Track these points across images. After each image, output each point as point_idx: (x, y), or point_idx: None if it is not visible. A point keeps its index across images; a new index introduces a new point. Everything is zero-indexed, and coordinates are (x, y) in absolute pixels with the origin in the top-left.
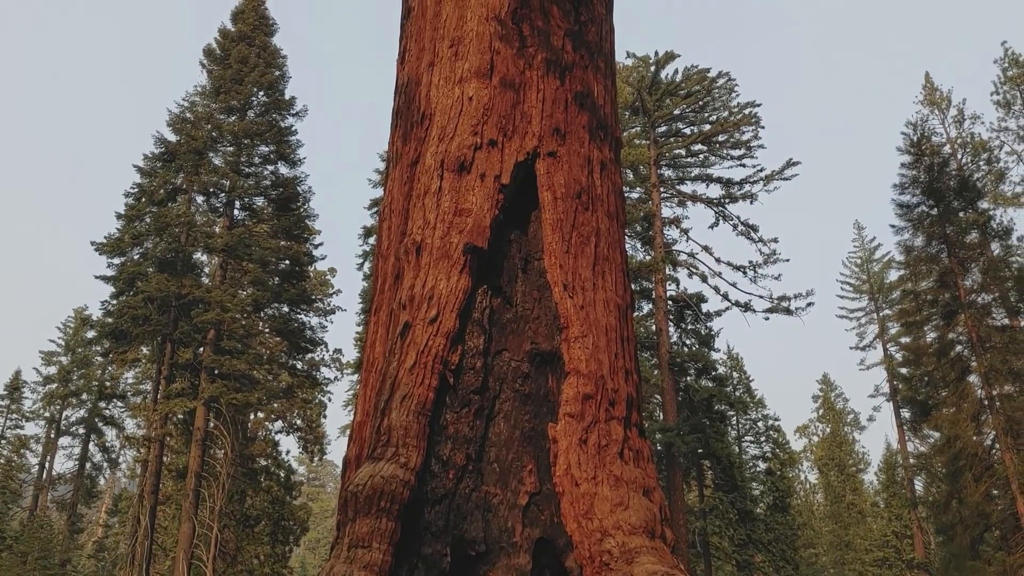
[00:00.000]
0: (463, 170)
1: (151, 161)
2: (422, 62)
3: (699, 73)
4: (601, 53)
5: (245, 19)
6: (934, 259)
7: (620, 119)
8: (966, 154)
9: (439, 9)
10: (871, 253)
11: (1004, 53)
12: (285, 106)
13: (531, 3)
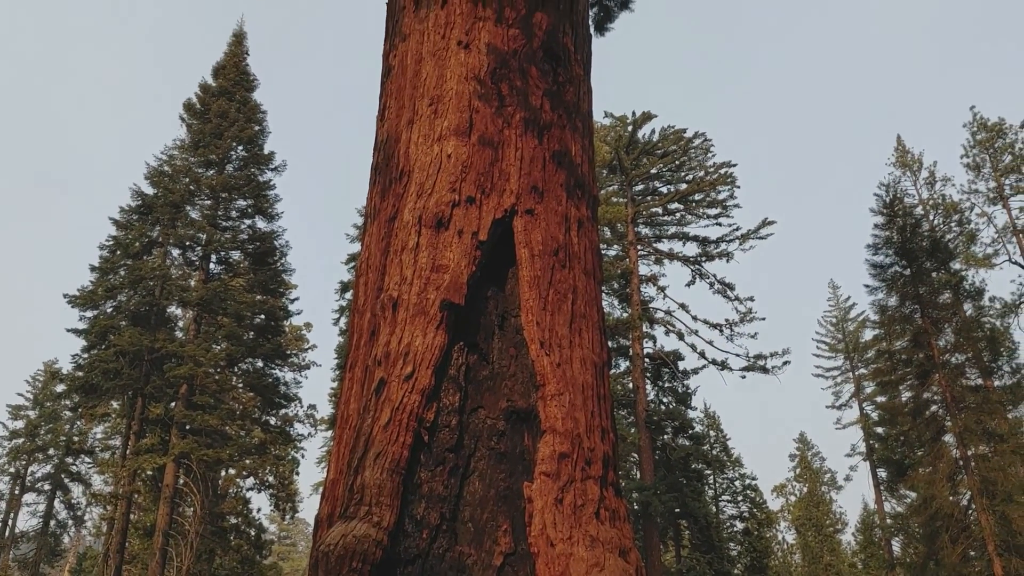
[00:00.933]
0: (441, 227)
1: (127, 214)
2: (401, 120)
3: (675, 133)
4: (579, 113)
5: (226, 74)
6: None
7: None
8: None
9: (419, 68)
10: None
11: (973, 117)
12: (264, 160)
13: (510, 64)
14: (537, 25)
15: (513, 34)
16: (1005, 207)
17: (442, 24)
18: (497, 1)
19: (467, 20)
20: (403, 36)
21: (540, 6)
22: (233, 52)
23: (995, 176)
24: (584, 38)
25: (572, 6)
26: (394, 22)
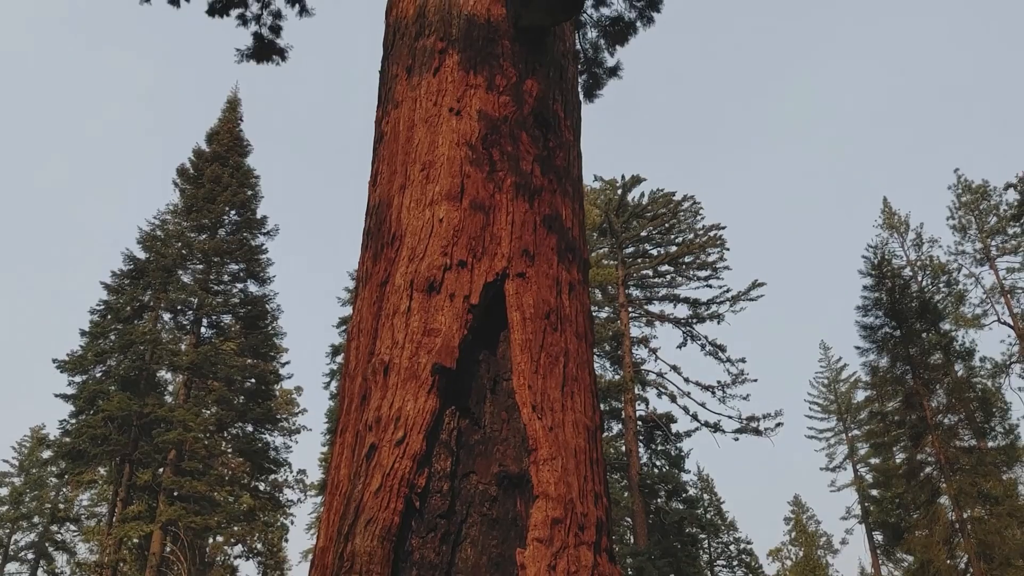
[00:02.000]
0: (432, 290)
1: (119, 278)
2: (394, 185)
3: (665, 196)
4: (569, 177)
5: (220, 140)
6: (899, 380)
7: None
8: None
9: (411, 135)
10: (838, 373)
11: (957, 180)
12: (256, 225)
13: (501, 129)
14: (528, 92)
15: (504, 101)
16: (992, 268)
17: (434, 92)
18: (488, 69)
19: (459, 88)
20: (395, 103)
21: (530, 74)
22: (227, 118)
23: (981, 237)
24: (574, 105)
25: (562, 74)
26: (386, 90)
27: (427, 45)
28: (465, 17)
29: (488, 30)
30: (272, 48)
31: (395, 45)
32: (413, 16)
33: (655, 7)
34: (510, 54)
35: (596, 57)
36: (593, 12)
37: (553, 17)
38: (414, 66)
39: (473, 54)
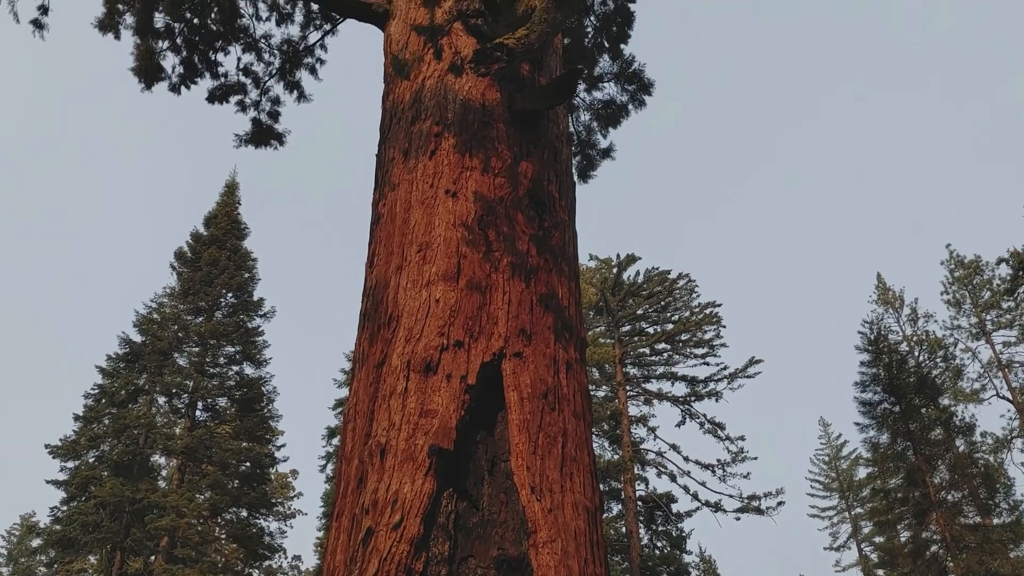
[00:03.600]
0: (429, 371)
1: (114, 362)
2: (390, 266)
3: (660, 275)
4: (565, 257)
5: (217, 223)
6: (901, 456)
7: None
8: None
9: (408, 216)
10: (838, 450)
11: (949, 255)
12: (253, 307)
13: (497, 210)
14: (523, 174)
15: (499, 182)
16: (988, 342)
17: (430, 174)
18: (484, 152)
19: (455, 170)
20: (392, 185)
21: (525, 156)
22: (225, 202)
23: (976, 312)
24: (568, 185)
25: (556, 156)
26: (383, 173)
27: (423, 129)
28: (460, 101)
29: (483, 114)
30: (270, 133)
31: (392, 129)
32: (409, 101)
33: (646, 91)
34: (505, 137)
35: (589, 139)
36: (586, 96)
37: (547, 101)
38: (410, 149)
39: (469, 137)
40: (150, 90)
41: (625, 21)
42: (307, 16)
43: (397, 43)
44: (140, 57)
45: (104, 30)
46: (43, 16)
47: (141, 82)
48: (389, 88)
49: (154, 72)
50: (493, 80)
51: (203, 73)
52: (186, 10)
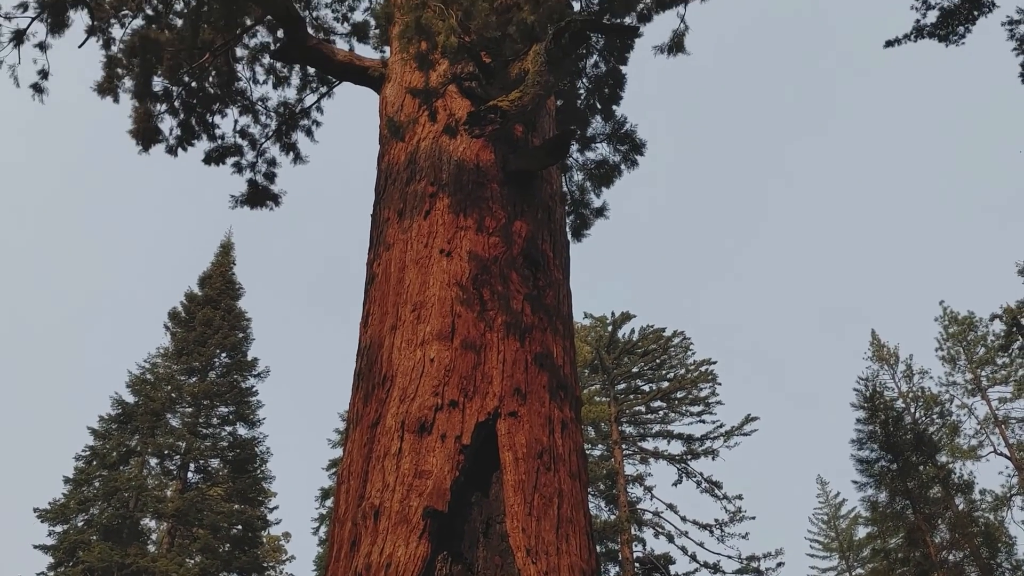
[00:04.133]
0: (424, 431)
1: (106, 423)
2: (385, 325)
3: (655, 332)
4: (559, 316)
5: (212, 283)
6: (900, 515)
7: (580, 377)
8: (919, 408)
9: (402, 276)
10: (837, 509)
11: (943, 312)
12: (247, 367)
13: (491, 270)
14: (517, 233)
15: (494, 242)
16: (984, 398)
17: (425, 234)
18: (478, 212)
19: (449, 230)
20: (387, 245)
21: (519, 216)
22: (220, 262)
23: (971, 368)
24: (562, 244)
25: (550, 215)
26: (378, 233)
27: (418, 189)
28: (455, 162)
29: (477, 174)
30: (266, 194)
31: (387, 190)
32: (404, 162)
33: (638, 151)
34: (499, 197)
35: (583, 198)
36: (579, 156)
37: (540, 162)
38: (405, 209)
39: (463, 197)
40: (147, 152)
41: (617, 83)
42: (304, 79)
43: (392, 105)
44: (138, 120)
45: (103, 93)
46: (43, 80)
47: (139, 144)
48: (384, 149)
49: (152, 135)
50: (487, 141)
51: (200, 135)
52: (184, 74)
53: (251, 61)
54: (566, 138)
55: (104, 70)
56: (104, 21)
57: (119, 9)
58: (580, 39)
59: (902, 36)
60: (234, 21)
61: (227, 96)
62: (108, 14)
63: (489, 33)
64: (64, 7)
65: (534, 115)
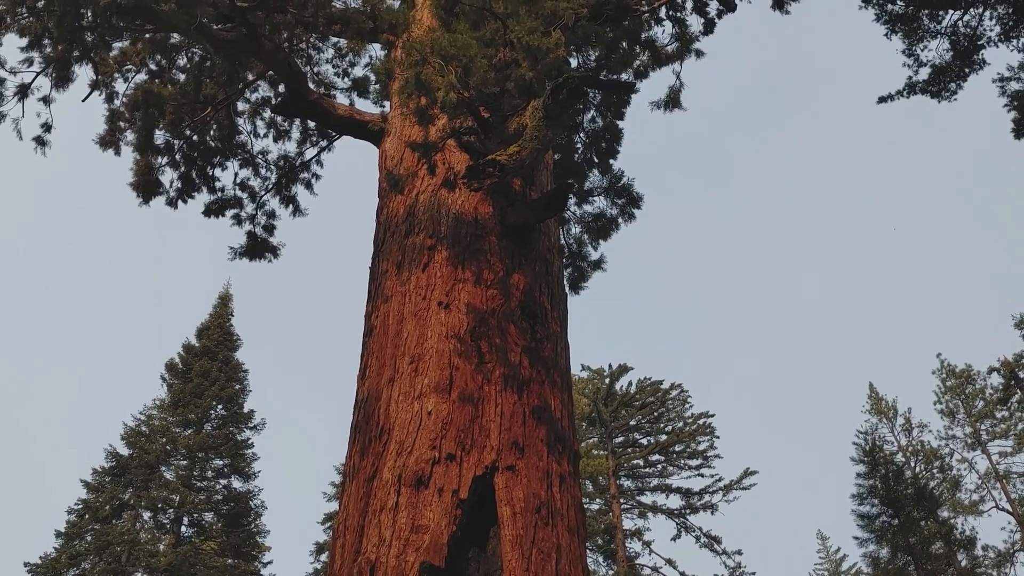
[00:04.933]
0: (421, 485)
1: (99, 476)
2: (382, 378)
3: (652, 385)
4: (557, 368)
5: (210, 335)
6: (902, 572)
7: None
8: (919, 462)
9: (400, 328)
10: (838, 564)
11: (940, 365)
12: (243, 419)
13: (489, 322)
14: (515, 286)
15: (492, 294)
16: (985, 453)
17: (423, 286)
18: (476, 264)
19: (447, 282)
20: (385, 298)
21: (517, 268)
22: (218, 313)
23: (970, 422)
24: (560, 297)
25: (548, 268)
26: (376, 285)
27: (416, 242)
28: (453, 215)
29: (476, 227)
30: (265, 246)
31: (385, 242)
32: (403, 215)
33: (635, 204)
34: (497, 249)
35: (580, 251)
36: (576, 209)
37: (538, 215)
38: (404, 262)
39: (461, 250)
40: (148, 204)
41: (614, 138)
42: (304, 133)
43: (392, 159)
44: (139, 173)
45: (105, 146)
46: (46, 133)
47: (139, 196)
48: (383, 202)
49: (152, 187)
50: (486, 194)
51: (200, 188)
52: (186, 127)
53: (252, 115)
54: (564, 191)
55: (106, 123)
56: (108, 76)
57: (123, 64)
58: (577, 95)
59: (895, 92)
60: (236, 76)
61: (228, 149)
62: (112, 69)
63: (488, 89)
64: (69, 62)
65: (532, 169)
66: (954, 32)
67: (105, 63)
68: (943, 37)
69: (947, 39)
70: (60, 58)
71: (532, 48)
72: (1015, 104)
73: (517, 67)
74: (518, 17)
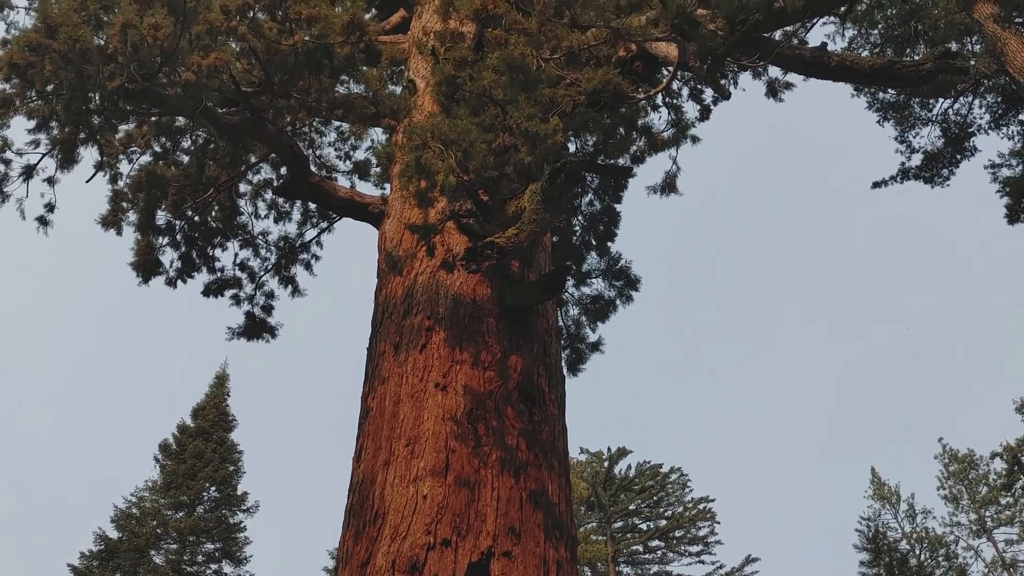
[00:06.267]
0: (415, 572)
1: (87, 560)
2: (378, 460)
3: (652, 469)
4: (555, 452)
5: (205, 415)
6: None
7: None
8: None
9: (397, 410)
10: None
11: (943, 450)
12: (236, 502)
13: (486, 404)
14: (512, 368)
15: (489, 376)
16: (990, 540)
17: (420, 367)
18: (474, 346)
19: (445, 363)
20: (382, 379)
21: (515, 350)
22: (214, 393)
23: (975, 508)
24: (558, 379)
25: (545, 350)
26: (373, 366)
27: (415, 323)
28: (452, 296)
29: (474, 308)
30: (263, 326)
31: (383, 323)
32: (402, 296)
33: (633, 287)
34: (495, 331)
35: (578, 333)
36: (574, 291)
37: (536, 297)
38: (401, 343)
39: (459, 331)
40: (147, 284)
41: (612, 221)
42: (305, 214)
43: (391, 240)
44: (140, 252)
45: (107, 227)
46: (49, 213)
47: (139, 276)
48: (382, 283)
49: (152, 267)
50: (484, 276)
51: (200, 268)
52: (188, 208)
53: (254, 196)
54: (562, 274)
55: (109, 204)
56: (113, 157)
57: (128, 146)
58: (575, 179)
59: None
60: (240, 158)
61: (229, 230)
62: (117, 150)
63: (487, 173)
64: (75, 144)
65: (530, 251)
66: (945, 120)
67: (111, 145)
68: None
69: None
70: (66, 140)
71: (531, 134)
72: (1007, 190)
73: (516, 152)
74: (517, 104)
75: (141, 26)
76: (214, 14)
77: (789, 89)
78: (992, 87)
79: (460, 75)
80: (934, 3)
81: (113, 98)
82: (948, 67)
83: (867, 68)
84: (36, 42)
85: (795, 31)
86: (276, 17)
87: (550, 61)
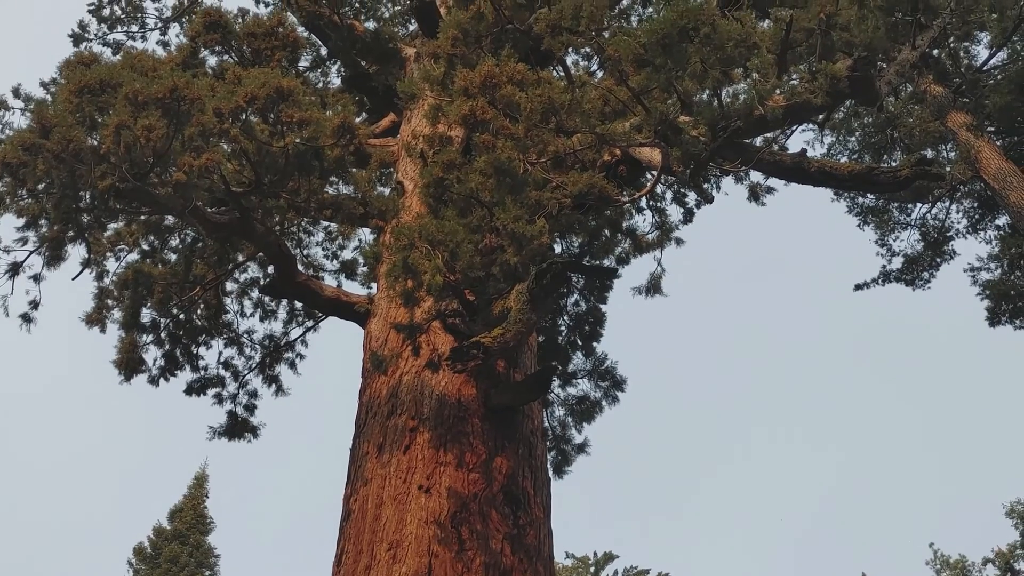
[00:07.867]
0: None
1: None
2: (359, 565)
3: (639, 574)
4: (540, 557)
5: (183, 517)
6: None
7: None
8: None
9: (379, 512)
10: None
11: (934, 555)
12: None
13: (470, 507)
14: (497, 469)
15: (474, 478)
16: None
17: (404, 469)
18: (458, 447)
19: (428, 465)
20: (365, 481)
21: (500, 451)
22: (193, 495)
23: None
24: (543, 481)
25: (531, 451)
26: (356, 467)
27: (399, 423)
28: (437, 397)
29: (459, 409)
30: (245, 426)
31: (367, 423)
32: (386, 396)
33: (619, 387)
34: (480, 432)
35: (564, 434)
36: (560, 391)
37: (522, 397)
38: (385, 444)
39: (444, 432)
40: (129, 382)
41: (597, 321)
42: (291, 313)
43: (377, 340)
44: (123, 350)
45: (91, 324)
46: (33, 311)
47: (121, 374)
48: (366, 383)
49: (135, 365)
50: (469, 376)
51: (184, 366)
52: (173, 306)
53: (240, 295)
54: (547, 374)
55: (95, 301)
56: (100, 255)
57: (116, 244)
58: (561, 279)
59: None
60: (227, 257)
61: (214, 328)
62: (105, 248)
63: (474, 273)
64: (63, 242)
65: (516, 351)
66: (924, 224)
67: (99, 243)
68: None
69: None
70: (55, 238)
71: (517, 235)
72: (987, 293)
73: (502, 252)
74: (504, 205)
75: (135, 127)
76: (207, 116)
77: (771, 193)
78: (968, 192)
79: (448, 177)
80: (909, 112)
81: (104, 197)
82: (925, 173)
83: (846, 173)
84: (30, 142)
85: (775, 137)
86: (268, 120)
87: (536, 165)
